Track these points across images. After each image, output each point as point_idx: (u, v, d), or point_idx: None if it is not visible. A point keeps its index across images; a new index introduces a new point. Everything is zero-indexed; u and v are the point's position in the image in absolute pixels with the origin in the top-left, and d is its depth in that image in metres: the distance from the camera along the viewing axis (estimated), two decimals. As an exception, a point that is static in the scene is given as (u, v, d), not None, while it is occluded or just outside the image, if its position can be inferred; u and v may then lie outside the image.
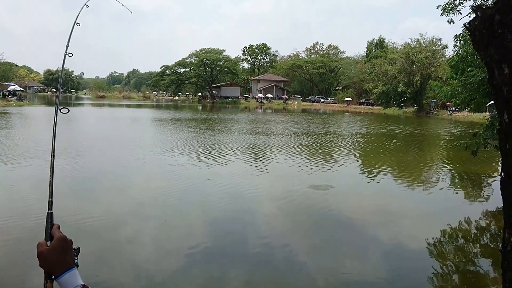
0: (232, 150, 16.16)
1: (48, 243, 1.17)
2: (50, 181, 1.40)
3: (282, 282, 5.14)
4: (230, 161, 13.65)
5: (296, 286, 5.08)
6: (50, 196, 1.37)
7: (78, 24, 2.10)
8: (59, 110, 1.69)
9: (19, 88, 61.80)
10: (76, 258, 1.20)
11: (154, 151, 15.19)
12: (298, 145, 18.63)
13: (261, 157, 14.77)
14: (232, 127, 28.17)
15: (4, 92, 55.12)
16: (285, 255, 5.97)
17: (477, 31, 1.29)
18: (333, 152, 17.04)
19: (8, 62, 78.80)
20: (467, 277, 5.60)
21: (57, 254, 1.14)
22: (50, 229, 1.21)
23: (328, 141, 20.85)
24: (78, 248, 1.22)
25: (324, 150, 17.56)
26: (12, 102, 49.84)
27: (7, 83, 61.44)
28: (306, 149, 17.26)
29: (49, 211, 1.29)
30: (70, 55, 1.90)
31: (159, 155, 14.19)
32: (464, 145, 10.73)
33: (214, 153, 15.24)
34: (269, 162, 13.79)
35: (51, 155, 1.49)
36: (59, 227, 1.22)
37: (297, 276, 5.31)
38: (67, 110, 1.70)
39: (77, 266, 1.18)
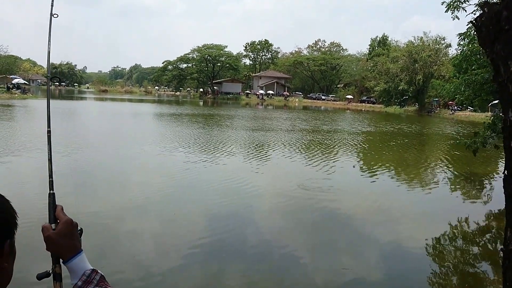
0: (245, 147, 16.20)
1: (53, 225, 1.12)
2: (48, 159, 1.31)
3: (282, 277, 5.14)
4: (247, 159, 13.64)
5: (295, 281, 5.08)
6: (50, 175, 1.27)
7: (55, 16, 1.80)
8: (50, 80, 1.57)
9: (23, 81, 61.86)
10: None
11: (167, 147, 15.02)
12: (311, 142, 18.72)
13: (273, 154, 14.73)
14: (240, 123, 28.21)
15: (9, 85, 55.34)
16: (285, 252, 5.97)
17: (484, 27, 1.27)
18: (349, 150, 17.03)
19: (13, 55, 78.87)
20: (466, 277, 5.59)
21: (65, 239, 1.10)
22: (54, 211, 1.15)
23: (341, 139, 20.79)
24: (81, 229, 1.17)
25: (339, 148, 17.46)
26: (16, 95, 49.96)
27: (11, 76, 61.65)
28: (320, 147, 17.25)
29: (51, 192, 1.21)
30: (55, 15, 1.67)
31: (174, 152, 14.00)
32: (465, 144, 10.71)
33: (229, 151, 15.11)
34: (283, 159, 13.77)
35: (47, 130, 1.38)
36: (62, 209, 1.16)
37: (297, 271, 5.31)
38: (58, 80, 1.53)
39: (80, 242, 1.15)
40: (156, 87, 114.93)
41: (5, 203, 0.99)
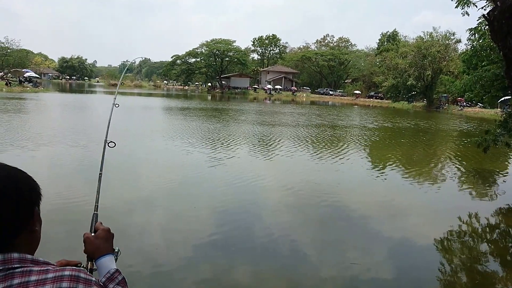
0: (265, 143, 16.21)
1: (93, 234, 1.40)
2: (97, 191, 1.77)
3: (290, 271, 5.17)
4: (267, 155, 13.65)
5: (304, 274, 5.11)
6: (97, 201, 1.73)
7: (117, 106, 2.48)
8: (107, 144, 2.03)
9: (34, 75, 62.44)
10: (116, 253, 1.40)
11: (189, 142, 14.92)
12: (332, 137, 18.85)
13: (295, 151, 14.66)
14: (256, 118, 28.19)
15: (21, 79, 55.97)
16: (294, 246, 5.99)
17: (496, 21, 1.27)
18: (372, 146, 17.07)
19: (25, 49, 79.54)
20: (475, 274, 5.56)
21: (100, 240, 1.36)
22: (95, 224, 1.48)
23: (361, 135, 20.73)
24: (118, 250, 1.42)
25: (365, 144, 17.45)
26: (28, 88, 50.51)
27: (23, 70, 62.34)
28: (345, 143, 17.29)
29: (95, 212, 1.60)
30: (117, 105, 2.41)
31: (196, 148, 13.87)
32: (476, 142, 10.60)
33: (250, 147, 15.03)
34: (306, 155, 13.78)
35: (99, 173, 1.85)
36: (101, 223, 1.47)
37: (304, 265, 5.34)
38: (114, 144, 2.02)
39: (116, 259, 1.38)
40: (165, 81, 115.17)
41: (27, 174, 1.11)
